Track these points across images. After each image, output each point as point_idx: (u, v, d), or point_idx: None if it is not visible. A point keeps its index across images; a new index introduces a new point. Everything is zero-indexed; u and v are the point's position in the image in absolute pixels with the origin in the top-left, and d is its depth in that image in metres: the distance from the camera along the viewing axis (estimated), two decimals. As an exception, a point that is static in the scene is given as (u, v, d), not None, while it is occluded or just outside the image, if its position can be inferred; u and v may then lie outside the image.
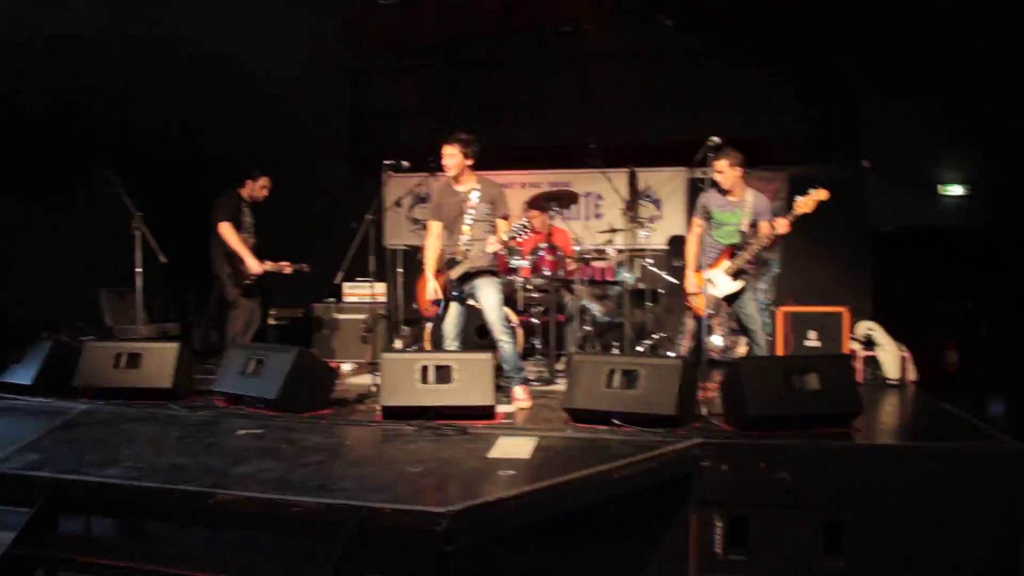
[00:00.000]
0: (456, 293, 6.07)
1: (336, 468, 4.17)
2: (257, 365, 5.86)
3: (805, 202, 5.89)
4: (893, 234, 9.21)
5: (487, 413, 5.43)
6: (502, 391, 6.16)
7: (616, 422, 5.14)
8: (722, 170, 6.13)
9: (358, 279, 8.00)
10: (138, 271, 6.96)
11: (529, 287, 7.61)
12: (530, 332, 7.84)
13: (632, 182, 8.20)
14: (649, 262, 8.29)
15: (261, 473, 4.06)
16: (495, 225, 6.03)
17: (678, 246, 8.19)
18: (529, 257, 7.51)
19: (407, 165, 6.55)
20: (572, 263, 7.87)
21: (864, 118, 9.24)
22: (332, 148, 10.54)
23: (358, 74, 10.76)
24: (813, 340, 7.19)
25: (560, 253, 7.63)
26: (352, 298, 8.72)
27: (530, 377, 7.21)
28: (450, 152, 5.96)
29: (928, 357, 7.56)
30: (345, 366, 8.25)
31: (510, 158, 9.97)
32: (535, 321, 7.80)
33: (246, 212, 7.45)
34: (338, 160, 10.49)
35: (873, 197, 9.01)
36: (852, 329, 7.28)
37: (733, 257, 6.16)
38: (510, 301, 7.63)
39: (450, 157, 5.97)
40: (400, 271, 8.35)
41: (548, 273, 7.45)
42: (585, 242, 8.58)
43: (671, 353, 7.65)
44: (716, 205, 6.23)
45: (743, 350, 7.89)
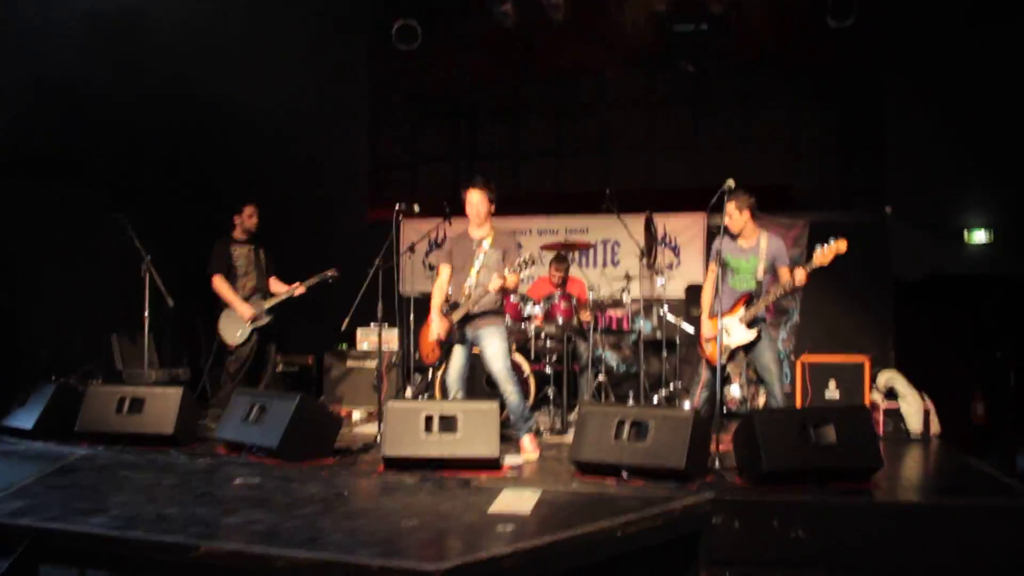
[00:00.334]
0: (458, 337, 5.96)
1: (329, 521, 4.02)
2: (259, 412, 5.76)
3: (823, 254, 5.70)
4: (917, 281, 9.00)
5: (492, 464, 5.27)
6: (511, 441, 6.02)
7: (625, 475, 4.97)
8: (730, 213, 5.97)
9: (373, 324, 7.92)
10: (146, 315, 6.91)
11: (542, 335, 7.46)
12: (543, 381, 7.68)
13: (649, 227, 8.09)
14: (666, 310, 8.11)
15: (250, 524, 3.92)
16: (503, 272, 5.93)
17: (695, 294, 8.02)
18: (542, 304, 7.38)
19: (417, 209, 6.47)
20: (586, 311, 7.72)
21: (888, 163, 9.08)
22: (350, 193, 10.51)
23: (377, 120, 10.75)
24: (833, 391, 6.98)
25: (574, 301, 7.50)
26: (364, 345, 8.63)
27: (542, 428, 7.07)
28: (478, 196, 5.88)
29: (954, 409, 7.33)
30: (356, 414, 8.13)
31: (527, 204, 9.94)
32: (548, 370, 7.64)
33: (240, 254, 7.43)
34: (356, 206, 10.45)
35: (896, 244, 8.81)
36: (873, 380, 7.06)
37: (749, 305, 6.00)
38: (523, 349, 7.50)
39: (479, 203, 5.89)
40: (412, 317, 8.23)
41: (561, 321, 7.31)
42: (601, 290, 8.43)
43: (688, 404, 7.46)
44: (728, 251, 6.08)
45: (762, 401, 7.71)
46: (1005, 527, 4.35)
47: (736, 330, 5.98)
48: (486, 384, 6.97)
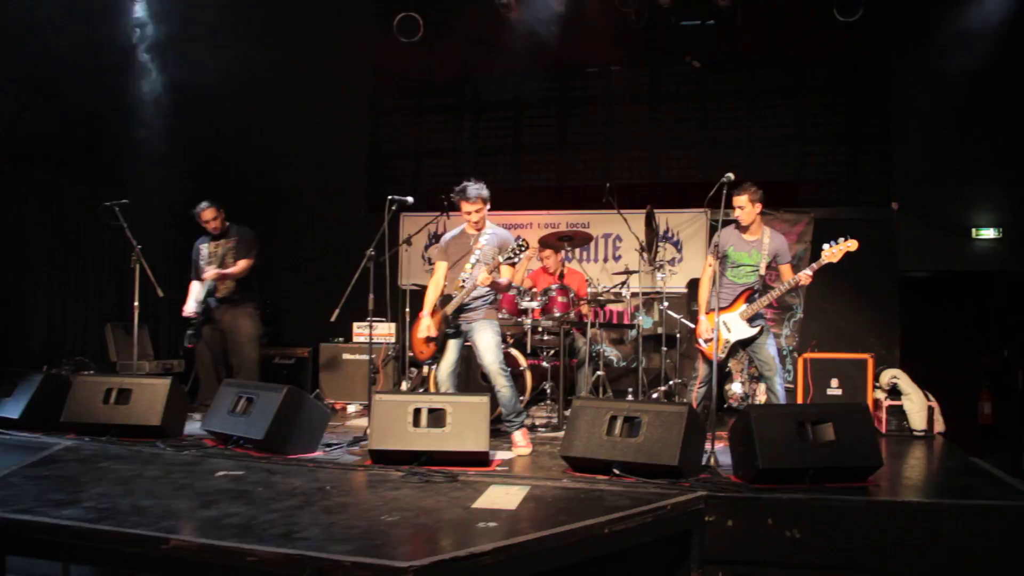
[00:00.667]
0: (451, 330, 5.85)
1: (306, 515, 3.90)
2: (246, 404, 5.65)
3: (833, 252, 5.60)
4: (923, 278, 8.84)
5: (481, 460, 5.15)
6: (503, 436, 5.91)
7: (616, 472, 4.85)
8: (743, 205, 5.86)
9: (374, 319, 7.82)
10: (135, 305, 6.81)
11: (539, 329, 7.33)
12: (541, 376, 7.56)
13: (650, 222, 7.95)
14: (666, 305, 7.97)
15: (225, 518, 3.80)
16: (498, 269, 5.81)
17: (697, 290, 7.91)
18: (540, 298, 7.26)
19: (411, 201, 6.35)
20: (585, 305, 7.59)
21: (895, 159, 8.93)
22: (350, 185, 10.41)
23: (379, 112, 10.65)
24: (835, 388, 6.84)
25: (572, 295, 7.38)
26: (361, 338, 8.53)
27: (537, 423, 6.96)
28: (475, 208, 5.82)
29: (959, 408, 7.20)
30: (351, 407, 8.04)
31: (529, 198, 9.83)
32: (546, 365, 7.52)
33: (204, 249, 7.38)
34: (355, 198, 10.35)
35: (903, 240, 8.66)
36: (876, 377, 6.92)
37: (751, 302, 5.87)
38: (520, 344, 7.38)
39: (476, 212, 5.84)
40: (408, 311, 8.11)
41: (558, 315, 7.19)
42: (601, 284, 8.30)
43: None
44: (732, 244, 5.94)
45: (764, 398, 7.57)
46: (1007, 528, 4.22)
47: (737, 326, 5.85)
48: (481, 379, 6.85)
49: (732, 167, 5.50)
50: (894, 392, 6.76)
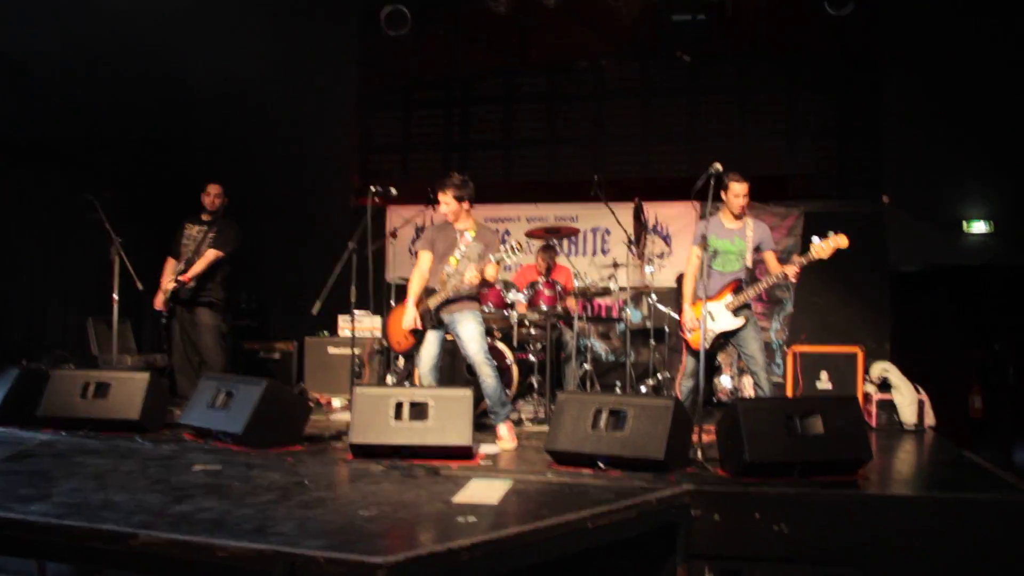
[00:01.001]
0: (434, 323, 5.77)
1: (282, 510, 3.80)
2: (226, 398, 5.56)
3: (822, 247, 5.51)
4: (914, 272, 8.78)
5: (465, 453, 5.06)
6: (488, 430, 5.82)
7: (601, 466, 4.77)
8: (739, 193, 5.77)
9: (358, 311, 7.73)
10: (115, 298, 6.71)
11: (526, 323, 7.24)
12: (528, 370, 7.48)
13: (638, 215, 7.87)
14: (655, 299, 7.89)
15: (198, 513, 3.69)
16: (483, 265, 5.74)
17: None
18: (526, 291, 7.17)
19: (395, 193, 6.26)
20: (572, 299, 7.50)
21: (885, 153, 8.86)
22: (339, 179, 10.31)
23: (367, 106, 10.54)
24: (825, 382, 6.77)
25: (559, 288, 7.29)
26: (345, 331, 8.43)
27: (524, 416, 6.88)
28: (444, 199, 5.80)
29: (950, 402, 7.14)
30: (336, 401, 7.94)
31: (519, 192, 9.75)
32: (533, 359, 7.43)
33: (191, 234, 7.28)
34: (344, 192, 10.25)
35: (893, 234, 8.59)
36: (867, 371, 6.85)
37: (737, 292, 5.78)
38: (506, 337, 7.29)
39: (444, 204, 5.82)
40: (393, 304, 8.01)
41: (545, 308, 7.10)
42: (589, 278, 8.21)
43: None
44: (714, 232, 5.84)
45: (752, 392, 7.50)
46: (998, 522, 4.15)
47: (721, 316, 5.76)
48: (467, 372, 6.76)
49: (722, 161, 5.41)
50: (884, 386, 6.70)
